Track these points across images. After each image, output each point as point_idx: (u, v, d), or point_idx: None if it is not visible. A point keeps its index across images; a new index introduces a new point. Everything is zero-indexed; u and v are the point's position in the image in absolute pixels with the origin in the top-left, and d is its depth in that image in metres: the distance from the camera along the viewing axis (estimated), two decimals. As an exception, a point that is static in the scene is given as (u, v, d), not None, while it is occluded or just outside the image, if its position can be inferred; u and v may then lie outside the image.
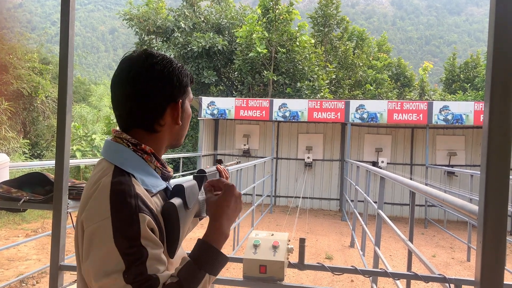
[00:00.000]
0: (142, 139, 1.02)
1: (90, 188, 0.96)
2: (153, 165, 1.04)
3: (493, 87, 1.23)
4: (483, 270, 1.26)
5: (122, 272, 0.83)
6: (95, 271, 0.86)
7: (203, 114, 11.11)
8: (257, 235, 1.83)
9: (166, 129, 1.05)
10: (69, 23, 1.73)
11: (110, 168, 0.97)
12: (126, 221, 0.87)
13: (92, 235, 0.88)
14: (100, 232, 0.87)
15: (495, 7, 1.22)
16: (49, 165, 5.66)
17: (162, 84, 1.01)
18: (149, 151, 1.03)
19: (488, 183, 1.24)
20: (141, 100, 1.00)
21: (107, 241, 0.85)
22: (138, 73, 1.00)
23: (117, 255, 0.84)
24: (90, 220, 0.89)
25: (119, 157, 0.99)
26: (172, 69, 1.04)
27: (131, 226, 0.87)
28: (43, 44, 17.10)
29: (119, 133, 1.03)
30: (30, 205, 1.92)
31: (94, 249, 0.87)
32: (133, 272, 0.83)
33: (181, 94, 1.06)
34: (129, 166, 0.98)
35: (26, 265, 5.81)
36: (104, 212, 0.88)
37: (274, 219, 9.84)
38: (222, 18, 16.36)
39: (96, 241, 0.87)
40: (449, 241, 8.58)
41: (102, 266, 0.85)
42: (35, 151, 14.46)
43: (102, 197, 0.90)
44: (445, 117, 9.83)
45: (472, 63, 20.31)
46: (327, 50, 17.73)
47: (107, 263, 0.84)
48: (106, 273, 0.84)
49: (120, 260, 0.84)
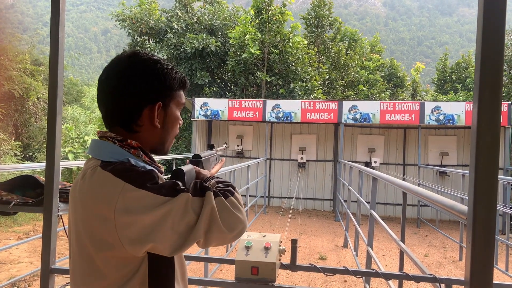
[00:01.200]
0: (124, 137, 1.02)
1: (78, 184, 0.97)
2: (141, 159, 1.03)
3: (481, 88, 1.24)
4: (473, 269, 1.27)
5: (172, 196, 0.91)
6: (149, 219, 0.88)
7: (196, 115, 11.09)
8: (249, 236, 1.83)
9: (145, 131, 1.04)
10: (59, 26, 1.73)
11: (97, 163, 0.98)
12: (142, 176, 0.92)
13: (126, 207, 0.88)
14: (127, 201, 0.89)
15: (483, 9, 1.23)
16: (40, 167, 5.61)
17: (140, 84, 1.00)
18: (136, 145, 1.02)
19: (477, 183, 1.25)
20: (117, 99, 1.00)
21: (142, 197, 0.89)
22: (118, 71, 1.01)
23: (158, 195, 0.90)
24: (111, 202, 0.89)
25: (106, 152, 1.00)
26: (155, 70, 1.02)
27: (149, 175, 0.93)
28: (34, 45, 16.97)
29: (104, 132, 1.03)
30: (21, 208, 1.91)
31: (137, 214, 0.88)
32: (183, 190, 0.93)
33: (162, 97, 1.04)
34: (117, 159, 0.98)
35: (18, 268, 5.76)
36: (117, 185, 0.90)
37: (267, 220, 9.84)
38: (215, 19, 16.35)
39: (132, 208, 0.88)
40: (441, 241, 8.64)
41: (154, 210, 0.88)
42: (27, 153, 14.35)
43: (104, 179, 0.92)
44: (437, 117, 9.90)
45: (463, 63, 20.49)
46: (320, 51, 17.79)
47: (157, 206, 0.89)
48: (162, 206, 0.89)
49: (163, 196, 0.90)
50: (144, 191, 0.89)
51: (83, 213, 0.94)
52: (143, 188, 0.89)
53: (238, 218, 0.95)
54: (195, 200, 0.92)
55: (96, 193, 0.91)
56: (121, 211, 0.88)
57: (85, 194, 0.94)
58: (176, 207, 0.89)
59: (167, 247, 0.89)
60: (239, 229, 0.95)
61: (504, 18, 1.24)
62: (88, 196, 0.92)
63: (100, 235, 0.90)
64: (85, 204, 0.93)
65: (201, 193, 0.94)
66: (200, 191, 0.94)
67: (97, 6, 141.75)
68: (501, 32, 1.23)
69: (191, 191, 0.93)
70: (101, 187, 0.91)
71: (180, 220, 0.89)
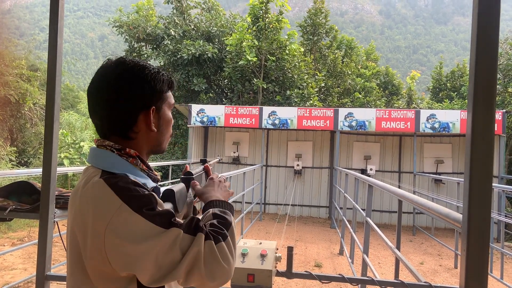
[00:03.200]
0: (122, 146, 1.03)
1: (79, 194, 0.97)
2: (139, 168, 1.05)
3: (476, 97, 1.25)
4: (468, 277, 1.28)
5: (165, 229, 0.89)
6: (139, 249, 0.87)
7: (193, 122, 11.10)
8: (245, 243, 1.84)
9: (142, 136, 1.05)
10: (58, 32, 1.73)
11: (97, 172, 0.98)
12: (140, 199, 0.91)
13: (115, 230, 0.88)
14: (121, 221, 0.88)
15: (477, 18, 1.25)
16: (36, 173, 5.58)
17: (132, 92, 1.01)
18: (134, 154, 1.04)
19: (472, 191, 1.26)
20: (110, 109, 1.01)
21: (136, 221, 0.88)
22: (108, 81, 1.01)
23: (152, 224, 0.89)
24: (104, 219, 0.89)
25: (106, 162, 1.01)
26: (143, 76, 1.03)
27: (147, 199, 0.92)
28: (31, 50, 16.95)
29: (101, 141, 1.04)
30: (17, 214, 1.90)
31: (126, 237, 0.88)
32: (173, 224, 0.91)
33: (155, 101, 1.05)
34: (117, 170, 0.99)
35: (12, 275, 5.71)
36: (114, 203, 0.90)
37: (263, 227, 9.82)
38: (212, 26, 16.41)
39: (123, 231, 0.88)
40: (436, 248, 8.65)
41: (145, 239, 0.87)
42: (22, 159, 14.28)
43: (103, 194, 0.92)
44: (432, 125, 9.95)
45: (458, 72, 20.63)
46: (316, 58, 17.88)
47: (147, 233, 0.88)
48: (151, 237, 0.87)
49: (156, 226, 0.89)
50: (139, 216, 0.88)
51: (80, 222, 0.94)
52: (138, 213, 0.88)
53: (223, 268, 0.91)
54: (185, 237, 0.89)
55: (93, 206, 0.92)
56: (111, 230, 0.88)
57: (84, 204, 0.94)
58: (164, 241, 0.88)
59: (146, 278, 0.88)
60: (221, 280, 0.92)
61: (497, 27, 1.26)
62: (86, 207, 0.93)
63: (91, 246, 0.91)
64: (83, 214, 0.93)
65: (193, 231, 0.91)
66: (193, 230, 0.91)
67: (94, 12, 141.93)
68: (495, 42, 1.25)
69: (184, 227, 0.91)
70: (99, 200, 0.91)
71: (164, 255, 0.87)
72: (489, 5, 1.25)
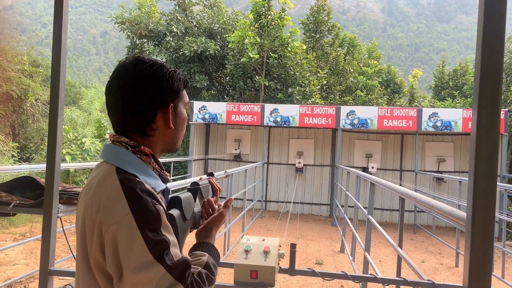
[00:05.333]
0: (138, 143, 1.05)
1: (93, 189, 0.98)
2: (152, 167, 1.06)
3: (481, 95, 1.25)
4: (471, 275, 1.28)
5: (157, 262, 0.87)
6: (127, 267, 0.87)
7: (195, 119, 11.10)
8: (248, 240, 1.84)
9: (159, 133, 1.07)
10: (62, 27, 1.73)
11: (112, 169, 0.99)
12: (147, 215, 0.91)
13: (115, 235, 0.89)
14: (124, 230, 0.89)
15: (483, 16, 1.24)
16: (38, 168, 5.60)
17: (151, 90, 1.03)
18: (148, 152, 1.05)
19: (476, 190, 1.26)
20: (131, 106, 1.03)
21: (134, 237, 0.88)
22: (128, 79, 1.04)
23: (146, 248, 0.88)
24: (109, 221, 0.90)
25: (119, 159, 1.02)
26: (162, 74, 1.05)
27: (153, 218, 0.91)
28: (33, 46, 16.96)
29: (117, 137, 1.05)
30: (20, 209, 1.90)
31: (121, 248, 0.88)
32: (166, 260, 0.88)
33: (172, 99, 1.08)
34: (130, 167, 1.00)
35: (14, 270, 5.73)
36: (123, 209, 0.90)
37: (264, 224, 9.83)
38: (214, 23, 16.38)
39: (122, 239, 0.88)
40: (438, 247, 8.65)
41: (135, 261, 0.87)
42: (24, 154, 14.29)
43: (115, 196, 0.92)
44: (434, 123, 9.93)
45: (461, 70, 20.58)
46: (318, 56, 17.84)
47: (139, 257, 0.87)
48: (140, 267, 0.86)
49: (150, 253, 0.87)
50: (139, 234, 0.88)
51: (90, 215, 0.95)
52: (140, 230, 0.88)
53: None
54: (167, 278, 0.87)
55: (104, 204, 0.93)
56: (109, 235, 0.89)
57: (96, 198, 0.95)
58: (147, 275, 0.87)
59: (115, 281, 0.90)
60: None
61: (504, 26, 1.25)
62: (98, 201, 0.94)
63: (96, 239, 0.92)
64: (93, 207, 0.95)
65: (178, 276, 0.89)
66: (178, 274, 0.89)
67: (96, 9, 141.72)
68: (501, 40, 1.24)
69: (172, 266, 0.88)
70: (110, 201, 0.92)
71: (142, 285, 0.87)
72: (495, 3, 1.24)
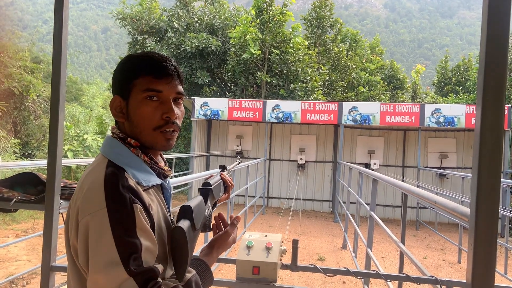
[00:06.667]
0: (125, 130, 1.06)
1: (82, 178, 0.99)
2: (141, 159, 1.04)
3: (485, 91, 1.23)
4: (475, 271, 1.27)
5: (122, 265, 0.83)
6: (92, 263, 0.85)
7: (196, 115, 11.09)
8: (250, 236, 1.83)
9: (121, 124, 1.08)
10: (63, 22, 1.72)
11: (103, 161, 0.99)
12: (122, 212, 0.87)
13: (87, 226, 0.87)
14: (96, 223, 0.87)
15: (487, 12, 1.23)
16: (40, 164, 5.60)
17: (113, 79, 1.07)
18: (134, 144, 1.03)
19: (480, 186, 1.25)
20: None
21: (104, 233, 0.85)
22: None
23: (114, 247, 0.84)
24: (84, 211, 0.89)
25: (112, 151, 1.01)
26: (123, 63, 1.06)
27: (127, 216, 0.88)
28: (34, 42, 16.96)
29: (113, 128, 1.08)
30: (22, 205, 1.90)
31: (91, 241, 0.86)
32: (131, 264, 0.84)
33: (117, 91, 1.06)
34: (121, 161, 0.99)
35: (16, 266, 5.75)
36: (99, 202, 0.88)
37: (266, 221, 9.84)
38: (215, 18, 16.34)
39: (92, 232, 0.87)
40: (440, 243, 8.64)
41: (100, 258, 0.84)
42: (26, 151, 14.33)
43: (96, 188, 0.91)
44: (437, 119, 9.90)
45: (463, 66, 20.51)
46: (320, 52, 17.79)
47: (105, 255, 0.84)
48: (104, 266, 0.83)
49: (117, 253, 0.84)
50: (110, 232, 0.85)
51: (75, 204, 0.95)
52: (111, 228, 0.85)
53: None
54: (129, 283, 0.83)
55: (84, 194, 0.92)
56: (82, 225, 0.88)
57: (81, 186, 0.96)
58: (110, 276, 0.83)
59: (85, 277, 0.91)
60: None
61: (508, 21, 1.23)
62: (81, 189, 0.94)
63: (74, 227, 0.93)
64: (77, 193, 0.96)
65: (142, 284, 0.84)
66: (142, 283, 0.84)
67: (97, 5, 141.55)
68: (505, 35, 1.23)
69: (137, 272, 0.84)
70: (90, 192, 0.91)
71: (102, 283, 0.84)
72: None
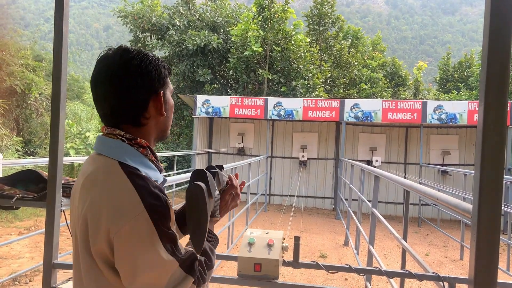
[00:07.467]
0: (132, 134, 1.03)
1: (99, 184, 0.96)
2: (148, 158, 1.05)
3: (488, 87, 1.23)
4: (477, 268, 1.26)
5: (172, 257, 0.91)
6: (142, 264, 0.89)
7: (198, 112, 11.08)
8: (252, 233, 1.83)
9: (152, 121, 1.07)
10: (63, 20, 1.72)
11: (114, 164, 0.98)
12: (160, 210, 0.91)
13: (130, 233, 0.89)
14: (139, 227, 0.89)
15: (490, 8, 1.22)
16: (42, 162, 5.61)
17: (141, 78, 1.02)
18: (145, 144, 1.04)
19: (482, 182, 1.24)
20: (122, 97, 1.01)
21: (149, 234, 0.89)
22: (116, 70, 1.01)
23: (161, 244, 0.90)
24: (121, 219, 0.89)
25: (119, 152, 1.00)
26: (148, 62, 1.04)
27: (165, 213, 0.92)
28: (36, 41, 16.98)
29: (112, 130, 1.03)
30: (24, 202, 1.90)
31: (136, 245, 0.89)
32: (176, 255, 0.93)
33: (161, 86, 1.07)
34: (131, 161, 0.99)
35: (19, 263, 5.77)
36: (135, 206, 0.89)
37: (268, 218, 9.85)
38: (217, 16, 16.32)
39: (136, 238, 0.89)
40: (442, 240, 8.63)
41: (149, 258, 0.89)
42: (28, 149, 14.36)
43: (126, 193, 0.91)
44: (439, 116, 9.88)
45: (466, 62, 20.44)
46: (322, 49, 17.75)
47: (154, 254, 0.89)
48: (156, 263, 0.89)
49: (164, 249, 0.90)
50: (154, 231, 0.90)
51: (95, 211, 0.93)
52: (155, 227, 0.90)
53: None
54: (178, 272, 0.93)
55: (113, 201, 0.91)
56: (124, 234, 0.89)
57: (104, 195, 0.93)
58: (160, 270, 0.90)
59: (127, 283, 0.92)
60: None
61: (511, 16, 1.23)
62: (106, 198, 0.92)
63: (101, 238, 0.91)
64: (99, 205, 0.93)
65: (187, 270, 0.95)
66: (187, 266, 0.95)
67: (99, 3, 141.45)
68: (508, 32, 1.22)
69: (181, 260, 0.94)
70: (120, 199, 0.91)
71: (155, 279, 0.90)
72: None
